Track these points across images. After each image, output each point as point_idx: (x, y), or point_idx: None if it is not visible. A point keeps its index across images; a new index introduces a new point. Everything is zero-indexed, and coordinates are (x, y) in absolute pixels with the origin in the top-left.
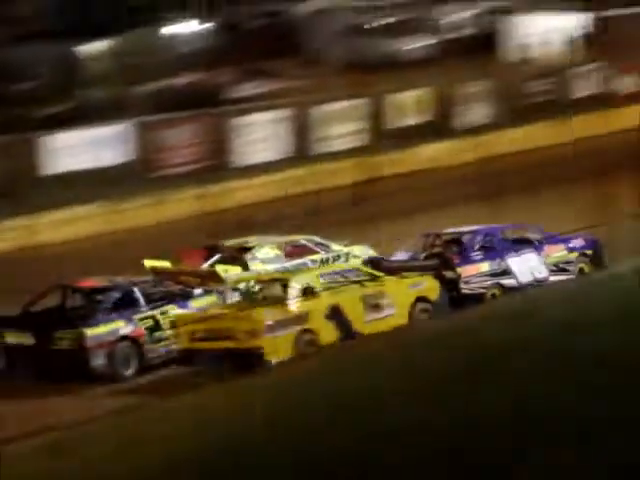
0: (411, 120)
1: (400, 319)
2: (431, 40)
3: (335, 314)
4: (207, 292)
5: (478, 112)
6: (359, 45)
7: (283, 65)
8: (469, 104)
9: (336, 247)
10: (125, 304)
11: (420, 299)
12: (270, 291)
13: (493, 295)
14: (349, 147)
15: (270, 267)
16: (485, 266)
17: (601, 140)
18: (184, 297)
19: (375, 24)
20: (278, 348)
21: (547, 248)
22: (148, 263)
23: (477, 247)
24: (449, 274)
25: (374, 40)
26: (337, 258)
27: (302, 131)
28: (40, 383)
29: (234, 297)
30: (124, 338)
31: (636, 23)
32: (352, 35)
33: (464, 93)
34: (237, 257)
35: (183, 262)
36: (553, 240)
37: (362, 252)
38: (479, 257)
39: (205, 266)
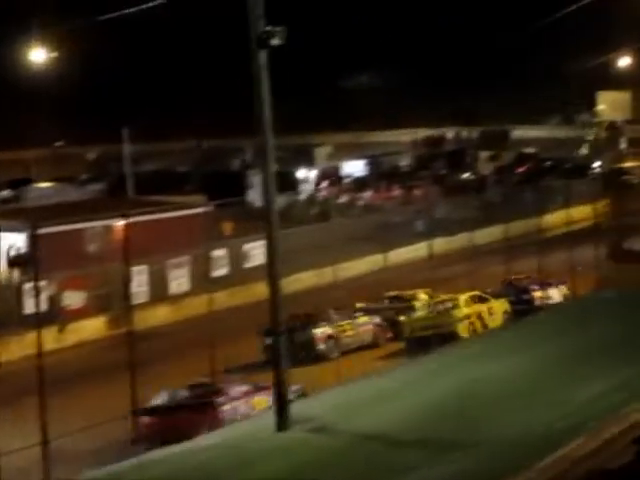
0: None
1: (499, 321)
2: None
3: (479, 315)
4: (365, 314)
5: None
6: None
7: None
8: None
9: (443, 296)
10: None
11: (504, 311)
12: (437, 307)
13: (543, 307)
14: None
15: (425, 302)
16: (540, 293)
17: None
18: (353, 318)
19: None
20: (463, 331)
21: (560, 286)
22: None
23: (532, 284)
24: (526, 296)
25: None
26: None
27: None
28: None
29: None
30: (330, 336)
31: (68, 239)
32: None
33: None
34: (412, 298)
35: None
36: (562, 282)
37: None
38: (537, 287)
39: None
